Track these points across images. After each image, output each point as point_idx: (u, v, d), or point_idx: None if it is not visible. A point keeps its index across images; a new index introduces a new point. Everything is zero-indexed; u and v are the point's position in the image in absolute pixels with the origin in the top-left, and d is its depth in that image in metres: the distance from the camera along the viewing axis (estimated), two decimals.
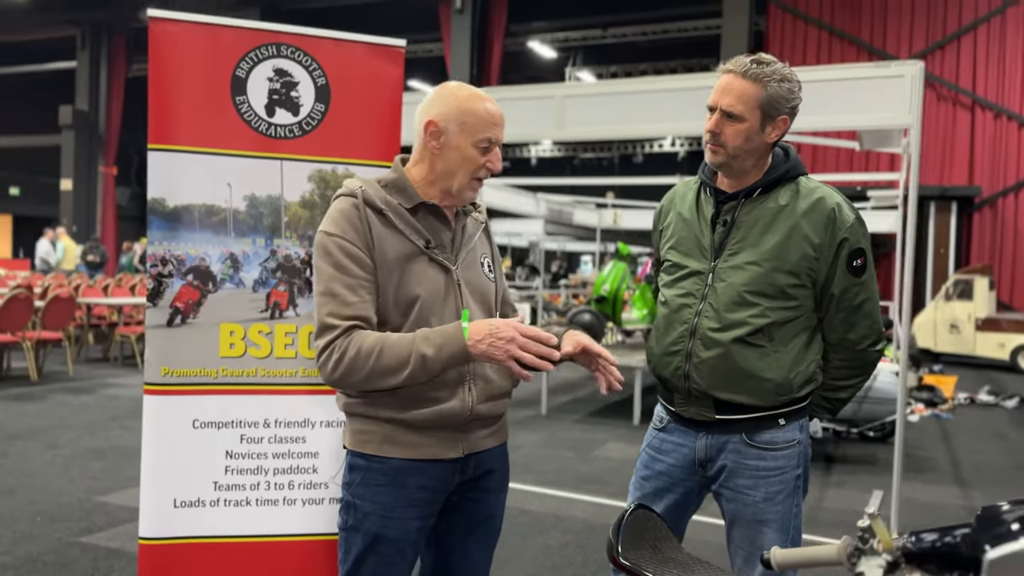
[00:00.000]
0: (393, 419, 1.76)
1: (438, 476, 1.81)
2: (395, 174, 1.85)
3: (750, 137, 1.96)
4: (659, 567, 1.75)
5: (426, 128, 1.79)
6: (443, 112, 1.78)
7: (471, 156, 1.78)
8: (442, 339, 1.66)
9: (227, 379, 2.61)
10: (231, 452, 2.64)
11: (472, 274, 1.88)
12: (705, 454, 2.06)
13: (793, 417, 2.03)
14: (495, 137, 1.80)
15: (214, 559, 2.64)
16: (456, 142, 1.78)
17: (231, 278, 2.61)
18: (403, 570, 1.83)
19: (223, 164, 2.58)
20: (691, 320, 2.04)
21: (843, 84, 4.54)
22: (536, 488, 4.99)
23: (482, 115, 1.77)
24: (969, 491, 5.39)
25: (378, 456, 1.78)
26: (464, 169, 1.79)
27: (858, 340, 2.04)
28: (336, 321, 1.70)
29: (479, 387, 1.81)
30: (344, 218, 1.76)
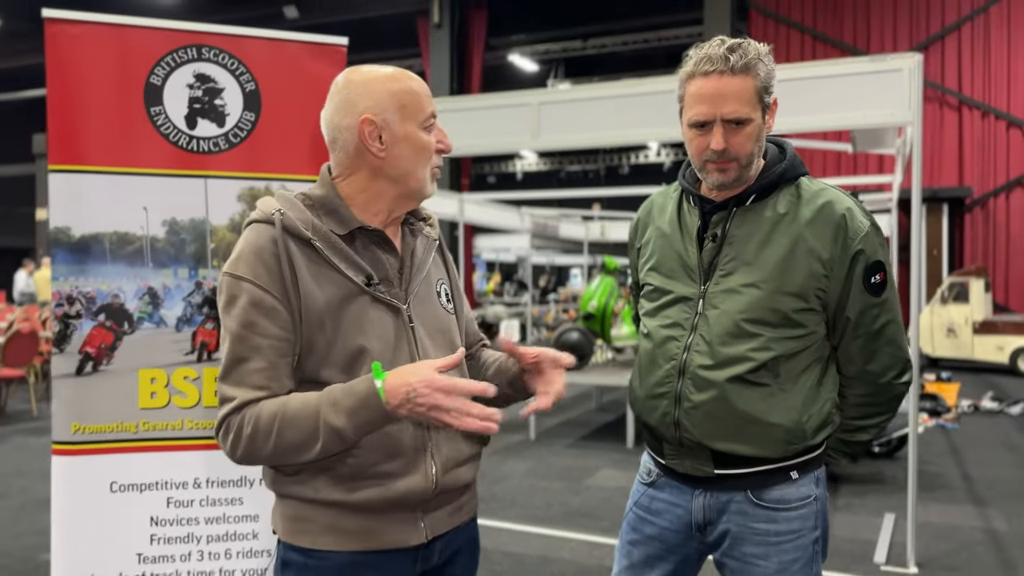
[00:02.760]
0: (336, 502, 1.38)
1: (396, 570, 1.43)
2: (323, 189, 1.45)
3: (758, 136, 1.64)
4: None
5: (361, 130, 1.40)
6: (374, 104, 1.41)
7: (424, 141, 1.44)
8: (354, 403, 1.29)
9: (149, 434, 2.26)
10: (156, 518, 2.28)
11: (427, 310, 1.51)
12: (703, 516, 1.72)
13: (807, 468, 1.69)
14: (434, 110, 1.48)
15: None
16: (403, 131, 1.42)
17: (150, 316, 2.26)
18: None
19: (137, 185, 2.24)
20: (679, 356, 1.70)
21: (836, 81, 4.23)
22: (521, 526, 4.62)
23: (416, 90, 1.45)
24: (986, 510, 5.05)
25: (318, 550, 1.39)
26: (421, 160, 1.45)
27: (880, 372, 1.70)
28: (232, 392, 1.34)
29: (443, 453, 1.44)
30: (256, 255, 1.37)
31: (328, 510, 1.38)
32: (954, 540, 4.46)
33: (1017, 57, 14.07)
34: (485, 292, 19.92)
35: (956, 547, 4.35)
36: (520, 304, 17.13)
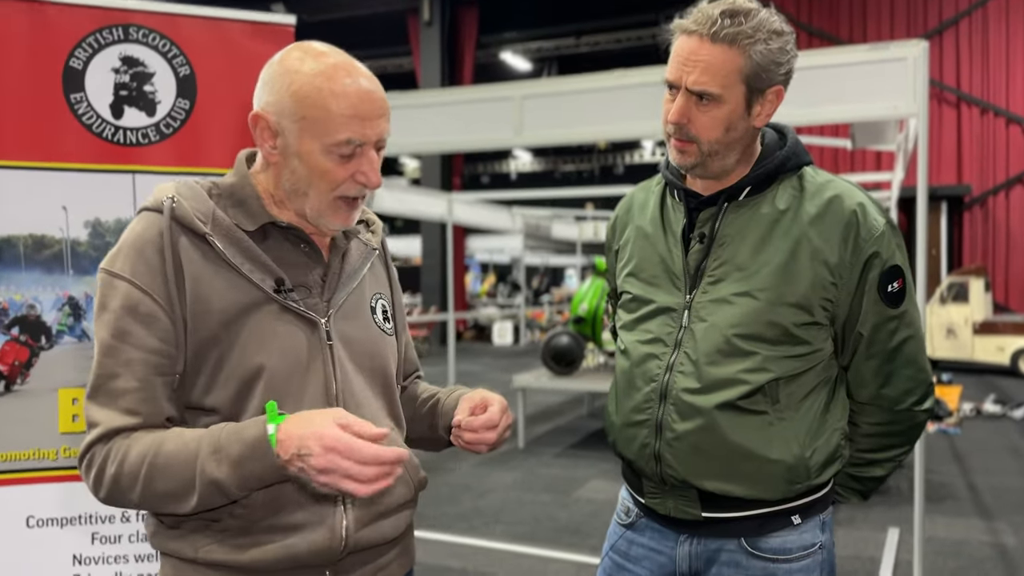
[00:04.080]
0: (221, 563, 1.13)
1: None
2: (235, 178, 1.23)
3: (732, 125, 1.37)
4: None
5: (253, 123, 1.18)
6: (275, 101, 1.16)
7: (322, 167, 1.15)
8: (240, 450, 1.04)
9: (71, 461, 2.00)
10: (80, 557, 2.03)
11: (355, 327, 1.25)
12: (689, 566, 1.47)
13: (811, 511, 1.44)
14: (363, 136, 1.15)
15: None
16: (298, 146, 1.15)
17: (71, 330, 2.01)
18: None
19: (55, 181, 1.98)
20: (660, 377, 1.44)
21: (834, 71, 3.99)
22: (506, 545, 4.37)
23: (333, 102, 1.13)
24: (994, 523, 4.81)
25: None
26: (317, 187, 1.17)
27: (898, 397, 1.45)
28: (98, 416, 1.10)
29: (361, 502, 1.18)
30: (137, 249, 1.14)
31: (211, 572, 1.13)
32: (962, 556, 4.23)
33: (1016, 53, 13.86)
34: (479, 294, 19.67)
35: (964, 564, 4.12)
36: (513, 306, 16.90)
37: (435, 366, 11.53)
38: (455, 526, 4.66)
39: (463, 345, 15.14)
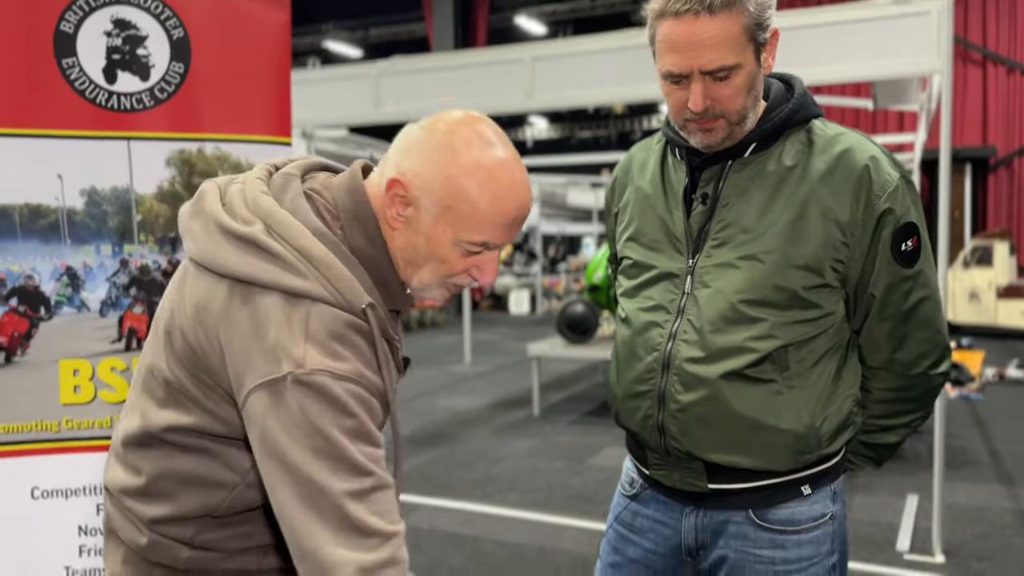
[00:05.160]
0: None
1: None
2: (374, 251, 1.07)
3: (752, 85, 1.31)
4: None
5: (389, 186, 1.05)
6: (424, 174, 1.04)
7: (445, 255, 1.07)
8: None
9: (73, 433, 1.99)
10: (86, 528, 2.02)
11: None
12: (696, 538, 1.43)
13: (822, 481, 1.39)
14: (500, 241, 1.08)
15: None
16: (430, 228, 1.05)
17: (70, 300, 1.98)
18: None
19: (49, 149, 1.94)
20: (662, 346, 1.39)
21: (855, 27, 3.86)
22: (520, 512, 4.36)
23: (488, 206, 1.04)
24: (1016, 489, 4.74)
25: None
26: (433, 268, 1.09)
27: (912, 361, 1.39)
28: (394, 527, 0.97)
29: None
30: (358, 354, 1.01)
31: None
32: (983, 523, 4.17)
33: None
34: None
35: (985, 531, 4.06)
36: (530, 274, 16.84)
37: (451, 335, 11.55)
38: (470, 493, 4.66)
39: (479, 314, 15.13)
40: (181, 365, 1.03)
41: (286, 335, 0.95)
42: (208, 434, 1.04)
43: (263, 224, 1.01)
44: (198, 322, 1.01)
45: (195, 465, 1.06)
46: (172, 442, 1.06)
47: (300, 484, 0.91)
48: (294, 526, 0.92)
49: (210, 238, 1.03)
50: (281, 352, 0.94)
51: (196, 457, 1.06)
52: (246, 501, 1.07)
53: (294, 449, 0.92)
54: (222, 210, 1.05)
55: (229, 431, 1.03)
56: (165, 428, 1.05)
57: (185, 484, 1.07)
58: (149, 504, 1.09)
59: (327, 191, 1.09)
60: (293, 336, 0.94)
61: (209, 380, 1.02)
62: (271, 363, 0.94)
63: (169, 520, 1.08)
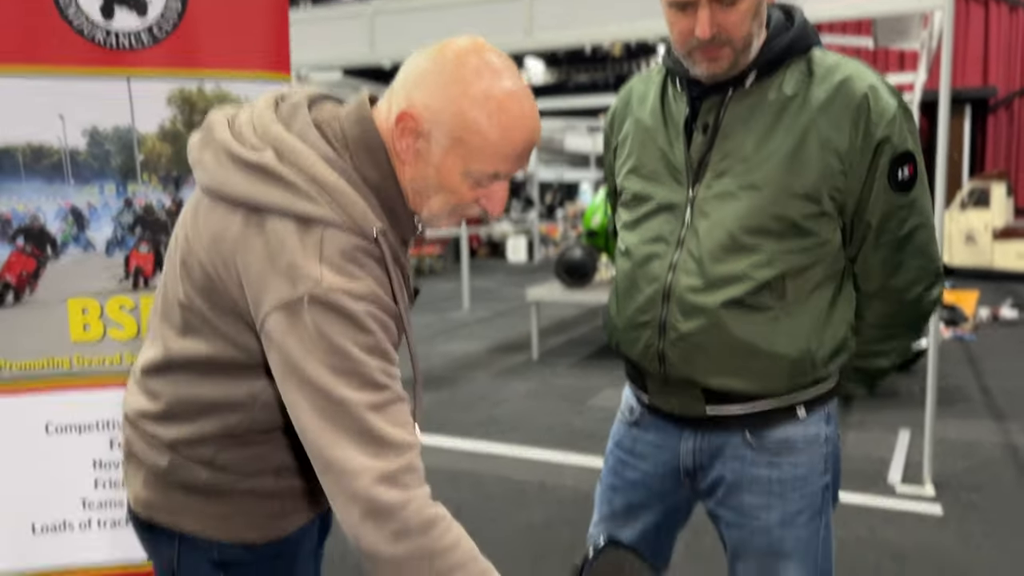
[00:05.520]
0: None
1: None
2: (382, 180, 1.08)
3: (757, 9, 1.31)
4: None
5: (399, 119, 1.05)
6: (435, 105, 1.04)
7: (455, 186, 1.08)
8: None
9: (84, 369, 2.03)
10: (100, 461, 2.07)
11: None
12: (694, 461, 1.47)
13: (816, 404, 1.43)
14: (510, 172, 1.09)
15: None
16: (440, 160, 1.06)
17: (76, 239, 2.00)
18: None
19: (50, 88, 1.94)
20: (663, 277, 1.41)
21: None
22: (522, 450, 4.45)
23: (498, 136, 1.04)
24: (1006, 424, 4.84)
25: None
26: (442, 198, 1.10)
27: (906, 287, 1.42)
28: (412, 438, 1.01)
29: None
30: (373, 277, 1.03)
31: None
32: (973, 457, 4.27)
33: None
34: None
35: (975, 464, 4.16)
36: (527, 221, 16.81)
37: (449, 282, 11.59)
38: (471, 433, 4.75)
39: (477, 262, 15.14)
40: (199, 293, 1.05)
41: (301, 258, 0.96)
42: (227, 360, 1.07)
43: (274, 151, 1.02)
44: (215, 251, 1.03)
45: (213, 389, 1.09)
46: (192, 368, 1.09)
47: (320, 399, 0.94)
48: (316, 440, 0.95)
49: (221, 167, 1.05)
50: (297, 274, 0.96)
51: (215, 382, 1.09)
52: (263, 423, 1.11)
53: (313, 366, 0.94)
54: (232, 139, 1.06)
55: (248, 357, 1.06)
56: (185, 355, 1.08)
57: (204, 408, 1.10)
58: (168, 427, 1.12)
59: (335, 121, 1.10)
60: (308, 259, 0.96)
61: (227, 307, 1.04)
62: (288, 285, 0.96)
63: (189, 442, 1.11)
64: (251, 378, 1.08)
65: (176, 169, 2.01)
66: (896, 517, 3.50)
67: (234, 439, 1.11)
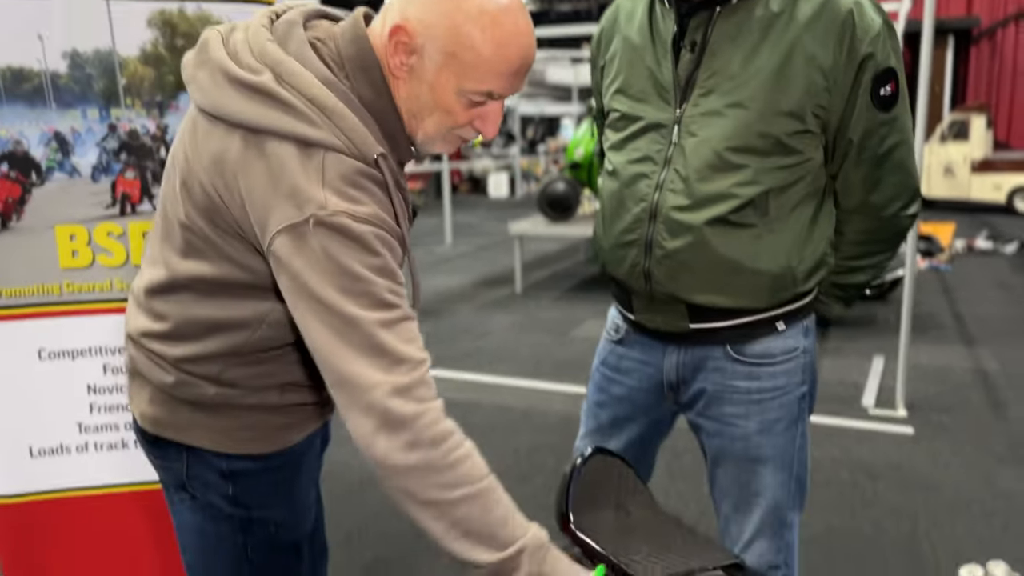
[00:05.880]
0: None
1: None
2: (380, 100, 1.08)
3: None
4: (622, 539, 1.26)
5: (392, 33, 1.04)
6: (428, 20, 1.03)
7: (449, 106, 1.07)
8: (561, 570, 1.03)
9: (74, 296, 2.04)
10: (94, 386, 2.10)
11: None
12: (677, 374, 1.53)
13: (795, 318, 1.48)
14: (504, 91, 1.07)
15: (88, 514, 2.15)
16: (434, 77, 1.05)
17: (61, 165, 1.99)
18: None
19: (27, 9, 1.90)
20: (650, 196, 1.44)
21: None
22: (507, 380, 4.54)
23: (492, 52, 1.03)
24: (977, 350, 4.98)
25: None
26: (437, 119, 1.09)
27: (885, 203, 1.46)
28: (423, 354, 1.03)
29: None
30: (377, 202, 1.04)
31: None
32: (945, 382, 4.41)
33: None
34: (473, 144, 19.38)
35: (946, 389, 4.29)
36: (508, 156, 16.69)
37: (432, 217, 11.54)
38: (457, 364, 4.82)
39: (458, 198, 15.08)
40: (201, 214, 1.05)
41: (303, 182, 0.97)
42: (232, 281, 1.08)
43: (272, 73, 1.02)
44: (216, 173, 1.02)
45: (219, 310, 1.10)
46: (196, 289, 1.10)
47: (332, 319, 0.96)
48: (329, 357, 0.97)
49: (217, 87, 1.04)
50: (301, 198, 0.96)
51: (219, 302, 1.10)
52: (268, 342, 1.12)
53: (323, 288, 0.96)
54: (228, 58, 1.05)
55: (253, 278, 1.07)
56: (188, 276, 1.09)
57: (209, 327, 1.11)
58: (174, 346, 1.13)
59: (331, 40, 1.09)
60: (310, 183, 0.97)
61: (230, 229, 1.04)
62: (292, 208, 0.97)
63: (195, 359, 1.13)
64: (256, 299, 1.09)
65: (159, 94, 2.00)
66: (869, 437, 3.63)
67: (239, 357, 1.12)
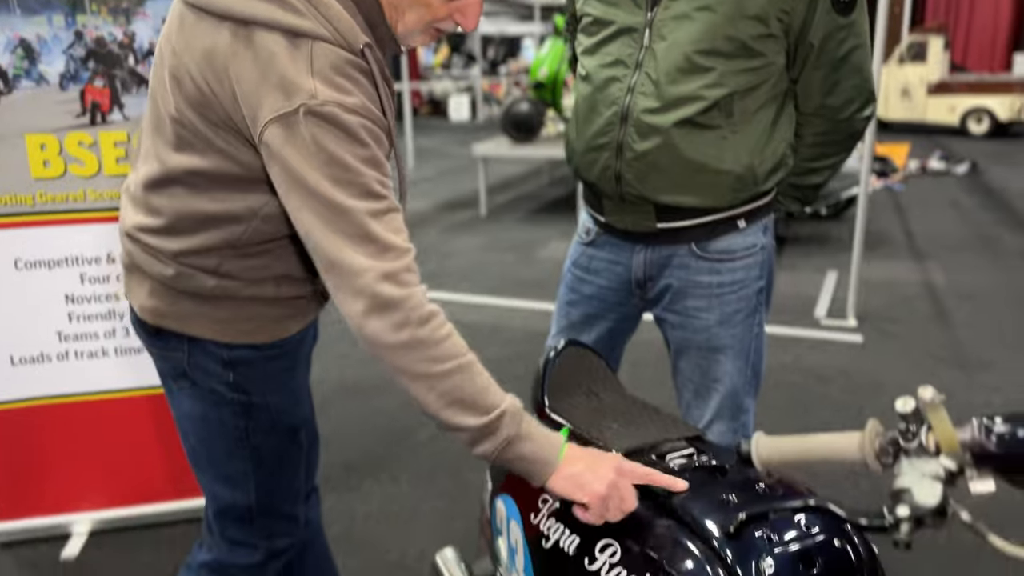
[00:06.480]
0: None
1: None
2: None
3: None
4: (593, 419, 1.36)
5: None
6: None
7: (427, 0, 1.10)
8: (535, 433, 1.06)
9: (48, 207, 2.06)
10: (72, 296, 2.14)
11: None
12: (644, 272, 1.61)
13: (755, 216, 1.57)
14: None
15: (68, 421, 2.21)
16: None
17: (28, 73, 1.97)
18: None
19: None
20: (621, 100, 1.50)
21: None
22: (474, 298, 4.63)
23: None
24: (925, 264, 5.19)
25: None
26: (417, 13, 1.11)
27: (841, 106, 1.54)
28: (408, 244, 1.06)
29: None
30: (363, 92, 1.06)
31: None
32: (894, 294, 4.60)
33: None
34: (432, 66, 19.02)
35: (895, 300, 4.49)
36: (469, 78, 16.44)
37: None
38: (425, 283, 4.88)
39: (419, 120, 14.88)
40: (192, 108, 1.07)
41: (292, 72, 0.99)
42: (224, 174, 1.11)
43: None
44: (207, 66, 1.04)
45: (213, 203, 1.13)
46: (190, 183, 1.12)
47: (322, 208, 1.00)
48: (320, 243, 1.01)
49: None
50: (290, 87, 0.99)
51: (213, 196, 1.12)
52: (263, 235, 1.16)
53: (314, 177, 0.99)
54: None
55: (245, 171, 1.10)
56: (182, 170, 1.11)
57: (205, 221, 1.14)
58: (171, 240, 1.16)
59: None
60: (299, 73, 0.99)
61: (222, 122, 1.06)
62: (282, 98, 0.99)
63: (192, 252, 1.16)
64: (249, 191, 1.12)
65: (125, 0, 1.97)
66: (820, 345, 3.81)
67: (235, 250, 1.16)
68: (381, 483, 2.62)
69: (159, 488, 2.33)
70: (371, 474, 2.67)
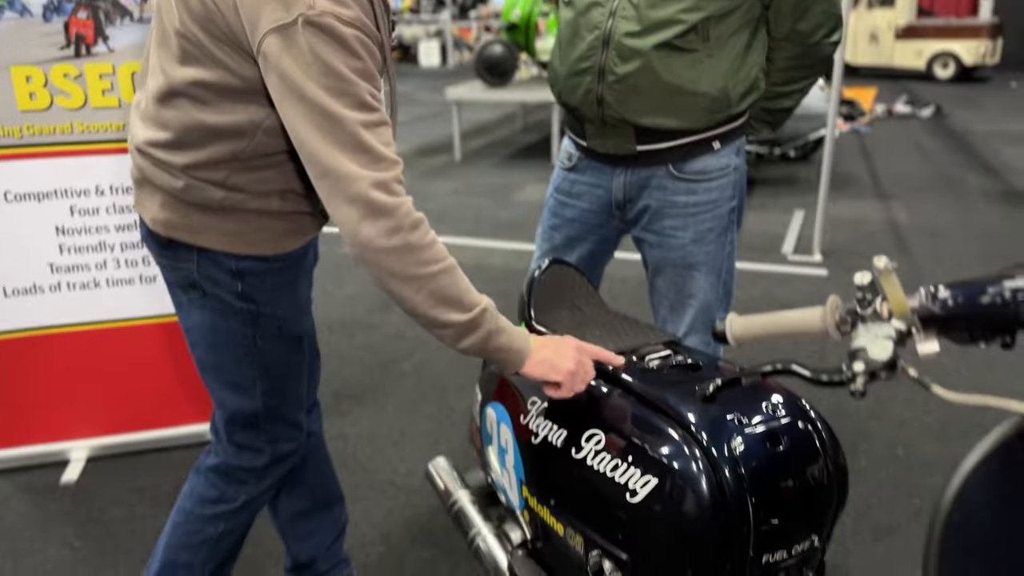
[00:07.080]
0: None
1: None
2: None
3: None
4: (577, 330, 1.46)
5: None
6: None
7: None
8: (509, 327, 1.18)
9: (36, 139, 2.08)
10: (63, 228, 2.18)
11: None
12: (624, 194, 1.70)
13: (729, 138, 1.66)
14: None
15: (63, 351, 2.27)
16: None
17: (10, 4, 1.98)
18: None
19: None
20: (603, 24, 1.57)
21: None
22: (452, 239, 4.69)
23: None
24: (889, 203, 5.34)
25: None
26: None
27: (811, 31, 1.62)
28: (397, 157, 1.12)
29: None
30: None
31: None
32: (858, 231, 4.74)
33: None
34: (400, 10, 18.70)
35: (859, 237, 4.64)
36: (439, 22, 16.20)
37: None
38: None
39: None
40: (196, 22, 1.12)
41: None
42: (226, 87, 1.16)
43: None
44: None
45: (216, 116, 1.18)
46: (194, 96, 1.18)
47: (317, 116, 1.06)
48: (314, 151, 1.07)
49: None
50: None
51: (217, 109, 1.18)
52: (265, 147, 1.22)
53: (309, 86, 1.05)
54: None
55: (246, 85, 1.15)
56: (186, 82, 1.17)
57: (210, 134, 1.20)
58: (180, 154, 1.22)
59: None
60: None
61: (225, 36, 1.11)
62: (281, 8, 1.05)
63: (201, 165, 1.22)
64: (251, 104, 1.17)
65: None
66: (787, 279, 3.95)
67: (241, 163, 1.22)
68: (368, 409, 2.72)
69: (156, 415, 2.41)
70: (359, 402, 2.77)
